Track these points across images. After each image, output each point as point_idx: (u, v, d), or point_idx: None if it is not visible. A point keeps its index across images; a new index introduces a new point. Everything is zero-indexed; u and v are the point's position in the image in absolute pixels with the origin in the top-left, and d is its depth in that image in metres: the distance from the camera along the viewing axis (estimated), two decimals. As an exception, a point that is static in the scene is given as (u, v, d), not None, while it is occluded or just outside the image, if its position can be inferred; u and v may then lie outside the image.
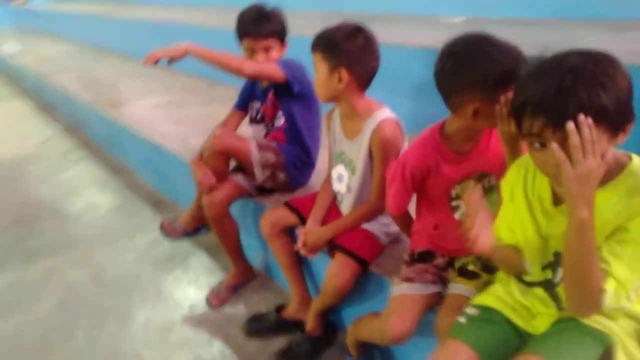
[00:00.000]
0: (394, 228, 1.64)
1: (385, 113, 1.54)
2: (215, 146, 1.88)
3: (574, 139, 0.86)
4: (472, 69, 1.12)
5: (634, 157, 1.01)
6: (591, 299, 0.94)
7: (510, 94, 1.07)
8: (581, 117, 0.86)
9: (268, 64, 1.88)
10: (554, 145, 0.89)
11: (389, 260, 1.61)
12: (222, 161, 1.93)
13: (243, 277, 2.14)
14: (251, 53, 1.90)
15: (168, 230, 2.17)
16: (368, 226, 1.62)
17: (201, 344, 1.87)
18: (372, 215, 1.60)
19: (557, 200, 1.06)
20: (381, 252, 1.63)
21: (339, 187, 1.72)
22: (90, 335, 1.95)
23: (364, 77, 1.53)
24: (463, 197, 1.32)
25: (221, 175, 1.94)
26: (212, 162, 1.90)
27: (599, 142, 0.88)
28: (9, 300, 2.20)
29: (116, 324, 2.01)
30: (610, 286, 0.92)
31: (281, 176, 2.00)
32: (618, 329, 1.03)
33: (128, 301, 2.15)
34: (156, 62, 1.76)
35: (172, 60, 1.80)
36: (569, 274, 0.96)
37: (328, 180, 1.78)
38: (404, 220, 1.51)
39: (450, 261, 1.38)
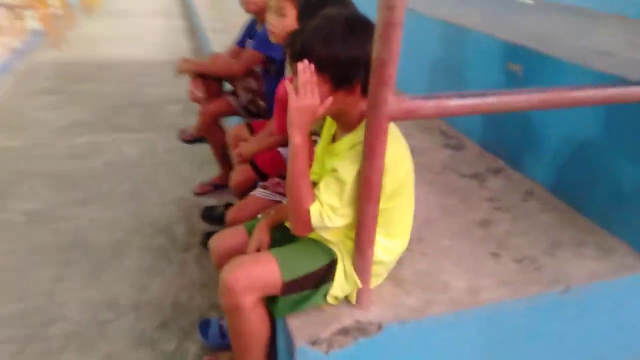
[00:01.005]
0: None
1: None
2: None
3: (298, 76, 1.09)
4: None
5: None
6: (300, 217, 1.15)
7: None
8: (303, 61, 1.08)
9: (248, 57, 2.21)
10: (287, 80, 1.12)
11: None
12: (215, 80, 2.38)
13: (225, 180, 2.62)
14: None
15: (183, 136, 2.74)
16: (281, 149, 1.94)
17: (171, 218, 2.44)
18: (281, 142, 1.90)
19: (334, 138, 1.28)
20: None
21: (282, 117, 2.05)
22: (111, 188, 2.68)
23: None
24: (317, 132, 1.57)
25: (214, 92, 2.40)
26: (206, 79, 2.36)
27: (318, 87, 1.08)
28: (80, 152, 3.07)
29: (133, 186, 2.71)
30: (315, 207, 1.13)
31: (261, 103, 2.38)
32: (342, 247, 1.24)
33: (154, 175, 2.83)
34: None
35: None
36: (287, 194, 1.17)
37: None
38: None
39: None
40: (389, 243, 1.25)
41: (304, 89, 1.08)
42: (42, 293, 1.89)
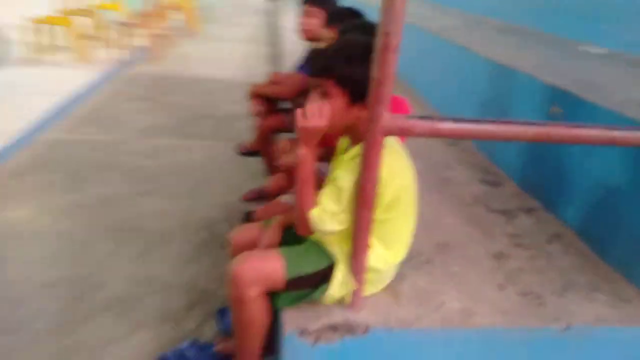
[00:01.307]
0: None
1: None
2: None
3: (309, 102, 1.23)
4: None
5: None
6: (303, 220, 1.28)
7: None
8: (325, 77, 1.22)
9: (296, 81, 2.38)
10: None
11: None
12: (272, 99, 2.62)
13: (271, 190, 2.82)
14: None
15: (240, 149, 2.99)
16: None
17: (217, 218, 2.67)
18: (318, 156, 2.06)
19: (346, 150, 1.40)
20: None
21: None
22: (173, 185, 2.98)
23: None
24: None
25: (271, 110, 2.63)
26: (266, 97, 2.61)
27: (337, 100, 1.22)
28: (155, 152, 3.45)
29: (191, 186, 2.99)
30: (315, 211, 1.26)
31: (311, 122, 2.56)
32: (341, 251, 1.34)
33: (211, 179, 3.11)
34: None
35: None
36: (295, 198, 1.31)
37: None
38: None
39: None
40: (386, 253, 1.33)
41: (311, 112, 1.22)
42: (95, 263, 2.17)
